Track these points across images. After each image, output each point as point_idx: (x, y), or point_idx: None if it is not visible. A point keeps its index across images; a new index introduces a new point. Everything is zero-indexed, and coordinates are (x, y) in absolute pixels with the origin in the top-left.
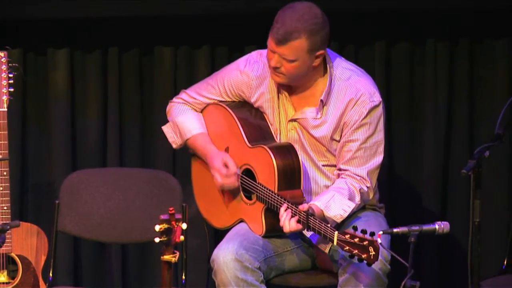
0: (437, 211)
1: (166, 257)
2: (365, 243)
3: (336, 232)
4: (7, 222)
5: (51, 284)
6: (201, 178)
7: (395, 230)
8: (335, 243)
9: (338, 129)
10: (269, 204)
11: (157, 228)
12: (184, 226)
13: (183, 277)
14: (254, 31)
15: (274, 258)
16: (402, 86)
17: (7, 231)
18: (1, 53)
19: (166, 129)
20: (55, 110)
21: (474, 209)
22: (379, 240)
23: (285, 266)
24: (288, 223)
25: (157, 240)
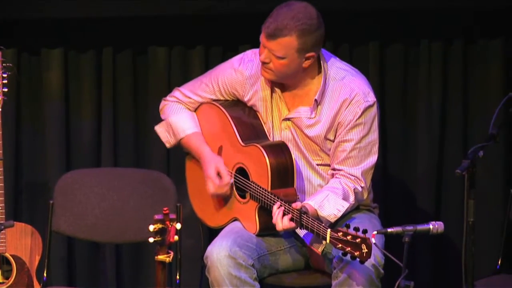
0: (431, 211)
1: (160, 257)
2: (358, 241)
3: (329, 230)
4: (1, 222)
5: (45, 284)
6: (195, 178)
7: (389, 230)
8: (328, 241)
9: (332, 129)
10: (263, 203)
11: (151, 228)
12: (178, 226)
13: (178, 277)
14: (249, 31)
15: (268, 257)
16: (396, 86)
17: (1, 231)
18: None
19: (159, 129)
20: (49, 110)
21: (468, 209)
22: (373, 240)
23: (279, 265)
24: (281, 221)
25: (151, 240)
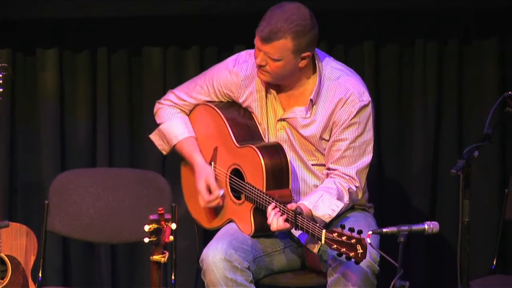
0: (427, 211)
1: (156, 257)
2: (353, 241)
3: (324, 231)
4: None
5: (41, 284)
6: (190, 179)
7: (385, 230)
8: (323, 241)
9: (328, 129)
10: (258, 204)
11: (147, 228)
12: (174, 226)
13: (173, 278)
14: (243, 31)
15: (263, 258)
16: (391, 86)
17: None
18: None
19: (154, 137)
20: (44, 110)
21: (464, 209)
22: (368, 240)
23: (274, 266)
24: (276, 222)
25: (147, 240)
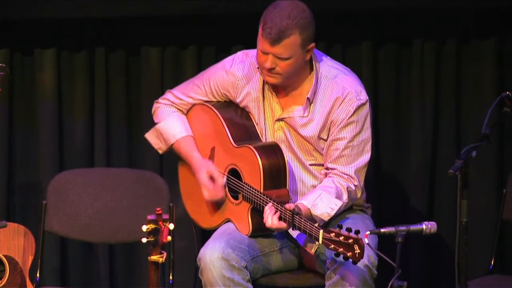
0: (424, 211)
1: (153, 258)
2: (350, 241)
3: (321, 231)
4: None
5: (38, 285)
6: (188, 179)
7: (382, 230)
8: (321, 241)
9: (325, 128)
10: (255, 204)
11: (144, 229)
12: (172, 226)
13: (170, 278)
14: (241, 31)
15: (261, 258)
16: (389, 86)
17: None
18: None
19: (150, 136)
20: (42, 110)
21: (461, 209)
22: (366, 241)
23: (272, 266)
24: (271, 219)
25: (144, 241)
